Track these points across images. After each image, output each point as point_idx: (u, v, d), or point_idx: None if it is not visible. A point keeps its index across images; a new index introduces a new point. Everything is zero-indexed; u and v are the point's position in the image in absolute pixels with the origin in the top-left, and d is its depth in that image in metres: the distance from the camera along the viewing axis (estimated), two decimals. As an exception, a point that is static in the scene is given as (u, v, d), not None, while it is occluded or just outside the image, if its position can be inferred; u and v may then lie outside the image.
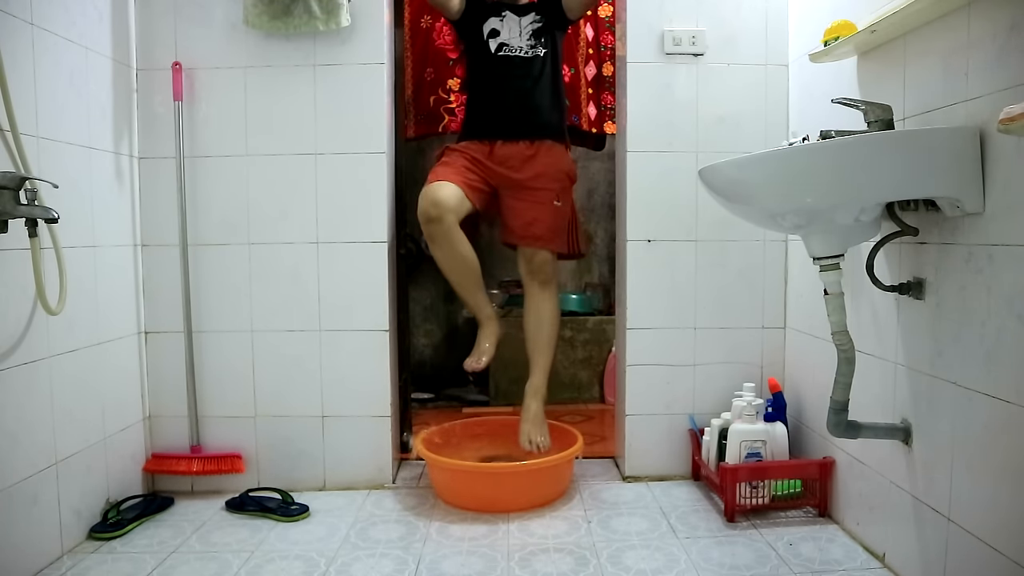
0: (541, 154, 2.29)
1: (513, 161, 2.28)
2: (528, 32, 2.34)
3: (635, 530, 1.90)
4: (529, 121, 2.31)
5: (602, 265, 3.75)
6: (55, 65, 1.79)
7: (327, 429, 2.22)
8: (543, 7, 2.39)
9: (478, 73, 2.39)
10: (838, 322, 1.53)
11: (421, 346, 3.59)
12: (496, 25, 2.35)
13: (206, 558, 1.77)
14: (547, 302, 2.36)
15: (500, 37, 2.34)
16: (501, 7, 2.38)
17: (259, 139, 2.17)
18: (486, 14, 2.37)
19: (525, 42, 2.33)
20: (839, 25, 1.70)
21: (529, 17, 2.36)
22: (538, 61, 2.33)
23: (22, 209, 1.56)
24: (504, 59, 2.33)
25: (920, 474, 1.53)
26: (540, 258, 2.32)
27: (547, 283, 2.36)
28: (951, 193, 1.34)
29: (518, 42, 2.33)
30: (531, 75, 2.32)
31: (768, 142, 2.19)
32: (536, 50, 2.33)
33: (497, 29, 2.34)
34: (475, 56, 2.39)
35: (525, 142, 2.29)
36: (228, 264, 2.19)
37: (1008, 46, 1.25)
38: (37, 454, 1.70)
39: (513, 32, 2.34)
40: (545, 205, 2.29)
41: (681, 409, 2.27)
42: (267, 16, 2.08)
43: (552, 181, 2.30)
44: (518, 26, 2.35)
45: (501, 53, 2.33)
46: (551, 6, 2.38)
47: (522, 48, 2.32)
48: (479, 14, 2.37)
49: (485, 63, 2.35)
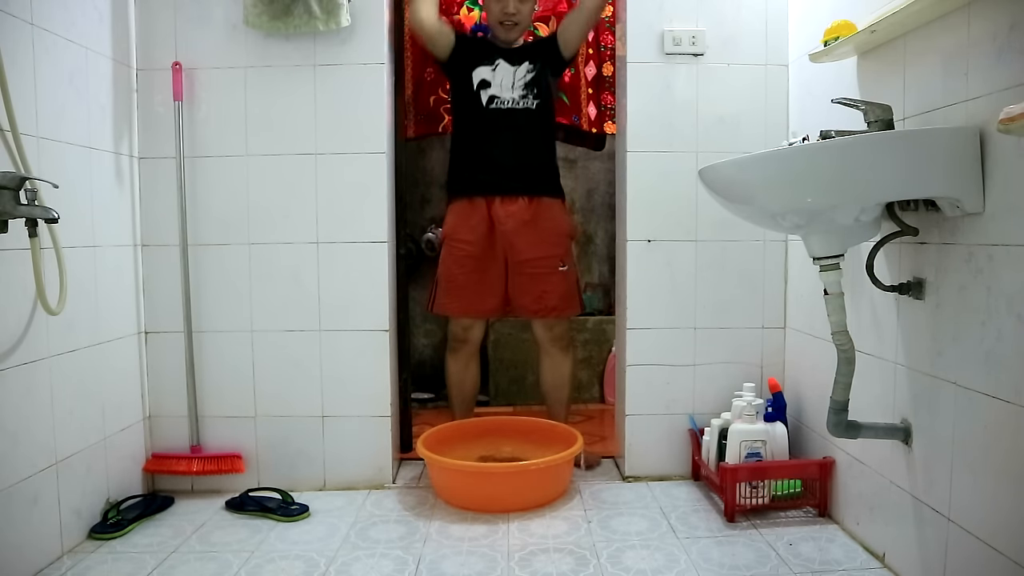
0: (541, 216, 2.35)
1: (512, 223, 2.33)
2: (521, 84, 2.34)
3: (635, 530, 1.90)
4: (525, 177, 2.36)
5: (602, 265, 3.75)
6: (55, 65, 1.79)
7: (327, 429, 2.22)
8: (538, 53, 2.39)
9: (468, 124, 2.39)
10: (838, 322, 1.53)
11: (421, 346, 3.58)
12: (487, 75, 2.34)
13: (206, 558, 1.77)
14: (566, 364, 2.48)
15: (491, 89, 2.34)
16: (494, 53, 2.36)
17: (259, 139, 2.17)
18: (477, 60, 2.35)
19: (518, 94, 2.33)
20: (839, 25, 1.70)
21: (524, 67, 2.35)
22: (530, 114, 2.35)
23: (22, 209, 1.56)
24: (495, 112, 2.34)
25: (920, 474, 1.53)
26: (560, 328, 2.44)
27: (567, 347, 2.49)
28: (951, 193, 1.34)
29: (510, 94, 2.33)
30: (523, 129, 2.34)
31: (768, 142, 2.19)
32: (528, 101, 2.34)
33: (488, 80, 2.34)
34: (464, 106, 2.38)
35: (524, 199, 2.33)
36: (228, 264, 2.19)
37: (1008, 46, 1.25)
38: (37, 454, 1.70)
39: (505, 84, 2.33)
40: (552, 274, 2.37)
41: (681, 409, 2.27)
42: (267, 16, 2.08)
43: (553, 248, 2.37)
44: (511, 76, 2.34)
45: (492, 106, 2.34)
46: (547, 49, 2.39)
47: (514, 100, 2.33)
48: (469, 59, 2.36)
49: (475, 115, 2.36)
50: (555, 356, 2.48)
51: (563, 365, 2.48)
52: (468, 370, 2.50)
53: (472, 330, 2.44)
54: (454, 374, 2.50)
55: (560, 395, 2.51)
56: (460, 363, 2.48)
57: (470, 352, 2.47)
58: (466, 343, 2.44)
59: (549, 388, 2.52)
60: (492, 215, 2.36)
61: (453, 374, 2.51)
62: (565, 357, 2.48)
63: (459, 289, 2.41)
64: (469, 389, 2.53)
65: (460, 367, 2.49)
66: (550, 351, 2.48)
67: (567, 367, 2.49)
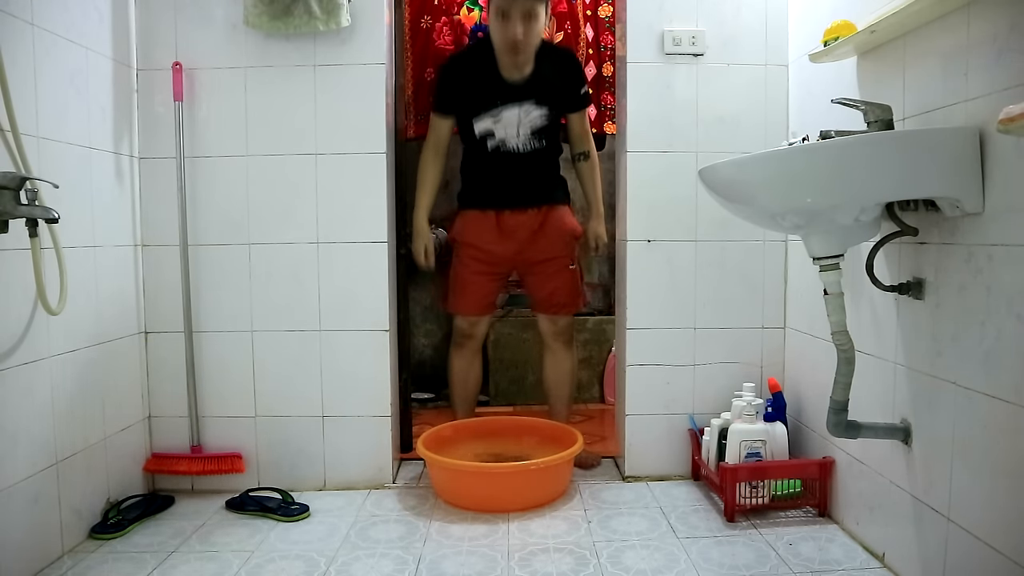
0: (549, 222, 2.38)
1: (522, 232, 2.36)
2: (528, 129, 2.31)
3: (635, 530, 1.90)
4: (534, 192, 2.38)
5: (602, 265, 3.75)
6: (56, 65, 1.79)
7: (327, 429, 2.22)
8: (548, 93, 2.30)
9: (476, 159, 2.36)
10: (838, 322, 1.53)
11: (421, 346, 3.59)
12: (489, 126, 2.30)
13: (206, 558, 1.77)
14: (569, 360, 2.52)
15: (495, 139, 2.31)
16: (495, 94, 2.28)
17: (259, 139, 2.17)
18: (476, 109, 2.30)
19: (524, 140, 2.31)
20: (839, 25, 1.70)
21: (531, 108, 2.27)
22: (539, 153, 2.35)
23: (23, 209, 1.56)
24: (503, 155, 2.33)
25: (920, 474, 1.53)
26: (565, 322, 2.48)
27: (569, 342, 2.52)
28: (951, 193, 1.34)
29: (515, 141, 2.31)
30: (532, 164, 2.35)
31: (768, 142, 2.19)
32: (535, 143, 2.33)
33: (492, 131, 2.31)
34: (470, 144, 2.36)
35: (533, 209, 2.36)
36: (228, 264, 2.19)
37: (1008, 46, 1.25)
38: (38, 454, 1.70)
39: (510, 131, 2.30)
40: (562, 273, 2.42)
41: (681, 409, 2.27)
42: (267, 16, 2.08)
43: (562, 249, 2.41)
44: (516, 120, 2.28)
45: (500, 150, 2.33)
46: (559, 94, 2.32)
47: (521, 146, 2.32)
48: (468, 110, 2.31)
49: (482, 155, 2.35)
50: (558, 352, 2.50)
51: (566, 361, 2.51)
52: (472, 367, 2.50)
53: (478, 326, 2.46)
54: (458, 371, 2.50)
55: (562, 392, 2.52)
56: (465, 359, 2.48)
57: (474, 348, 2.48)
58: (472, 338, 2.45)
59: (551, 384, 2.53)
60: (501, 224, 2.37)
61: (457, 371, 2.50)
62: (568, 353, 2.51)
63: (470, 289, 2.44)
64: (472, 386, 2.53)
65: (465, 364, 2.49)
66: (553, 346, 2.50)
67: (569, 363, 2.51)
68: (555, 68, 2.33)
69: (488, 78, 2.29)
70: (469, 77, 2.30)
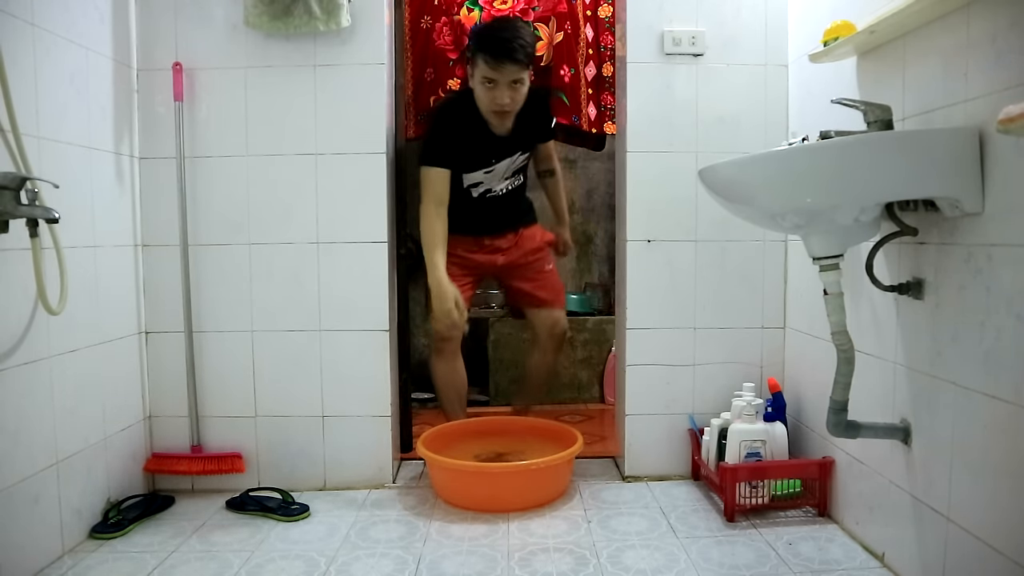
0: (524, 236, 2.57)
1: (501, 244, 2.54)
2: (511, 172, 2.47)
3: (635, 530, 1.90)
4: (511, 222, 2.55)
5: (602, 265, 3.75)
6: (56, 65, 1.79)
7: (327, 429, 2.22)
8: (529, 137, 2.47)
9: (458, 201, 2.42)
10: (838, 322, 1.53)
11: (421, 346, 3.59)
12: (480, 179, 2.43)
13: (207, 558, 1.77)
14: (553, 363, 2.67)
15: (482, 187, 2.45)
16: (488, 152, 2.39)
17: (259, 139, 2.17)
18: (471, 165, 2.40)
19: (507, 183, 2.48)
20: (839, 26, 1.70)
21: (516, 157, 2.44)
22: (515, 191, 2.53)
23: (23, 209, 1.56)
24: (487, 199, 2.48)
25: (919, 474, 1.53)
26: (561, 326, 2.58)
27: (560, 348, 2.65)
28: (950, 193, 1.34)
29: (499, 184, 2.47)
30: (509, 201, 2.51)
31: (768, 142, 2.19)
32: (515, 182, 2.51)
33: (480, 182, 2.44)
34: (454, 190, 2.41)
35: (510, 233, 2.54)
36: (228, 264, 2.19)
37: (1007, 46, 1.25)
38: (38, 453, 1.70)
39: (495, 179, 2.45)
40: (541, 272, 2.58)
41: (681, 409, 2.27)
42: (267, 16, 2.08)
43: (538, 252, 2.58)
44: (504, 170, 2.44)
45: (485, 196, 2.47)
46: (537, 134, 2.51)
47: (502, 189, 2.48)
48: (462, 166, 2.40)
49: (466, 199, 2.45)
50: (549, 352, 2.61)
51: (552, 362, 2.65)
52: (454, 368, 2.51)
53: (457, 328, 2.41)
54: (442, 374, 2.50)
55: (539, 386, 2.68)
56: (446, 362, 2.48)
57: (453, 349, 2.47)
58: (449, 341, 2.44)
59: (531, 376, 2.68)
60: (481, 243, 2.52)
61: (441, 374, 2.50)
62: (555, 357, 2.65)
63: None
64: (460, 386, 2.54)
65: (447, 366, 2.49)
66: (547, 347, 2.60)
67: (552, 366, 2.66)
68: (531, 112, 2.42)
69: (479, 135, 2.36)
70: (460, 133, 2.35)
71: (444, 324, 2.30)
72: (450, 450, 2.26)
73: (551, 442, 2.29)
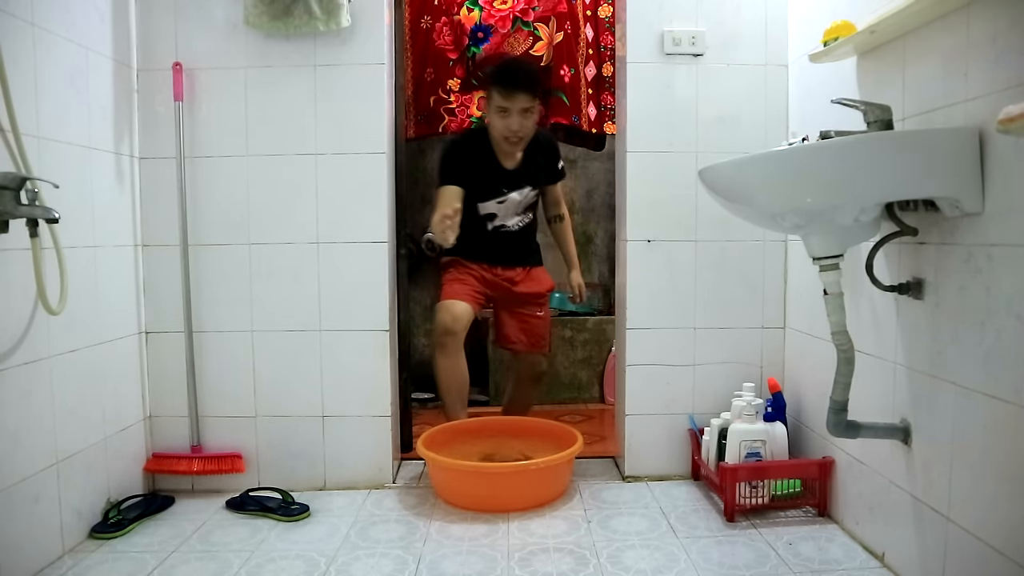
0: (530, 275, 2.67)
1: (512, 276, 2.64)
2: (522, 208, 2.59)
3: (635, 530, 1.90)
4: (522, 259, 2.66)
5: (602, 265, 3.75)
6: (56, 65, 1.79)
7: (327, 429, 2.22)
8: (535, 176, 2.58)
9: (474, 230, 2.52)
10: (838, 322, 1.53)
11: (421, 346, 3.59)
12: (494, 209, 2.55)
13: (207, 558, 1.77)
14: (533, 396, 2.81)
15: (497, 220, 2.57)
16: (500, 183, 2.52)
17: (259, 139, 2.17)
18: (485, 194, 2.52)
19: (518, 219, 2.60)
20: (839, 26, 1.70)
21: (526, 192, 2.56)
22: (526, 228, 2.64)
23: (23, 209, 1.56)
24: (501, 233, 2.59)
25: (919, 474, 1.53)
26: (539, 369, 2.71)
27: (539, 384, 2.80)
28: (950, 193, 1.34)
29: (512, 220, 2.59)
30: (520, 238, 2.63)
31: (768, 142, 2.19)
32: (524, 220, 2.62)
33: (495, 213, 2.56)
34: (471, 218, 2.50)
35: (519, 268, 2.65)
36: (228, 264, 2.19)
37: (1007, 46, 1.25)
38: (38, 453, 1.70)
39: (508, 213, 2.57)
40: (534, 317, 2.67)
41: (681, 409, 2.27)
42: (267, 16, 2.08)
43: (539, 296, 2.69)
44: (516, 205, 2.57)
45: (499, 230, 2.58)
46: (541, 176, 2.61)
47: (514, 225, 2.59)
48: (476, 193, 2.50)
49: (481, 230, 2.56)
50: (527, 387, 2.75)
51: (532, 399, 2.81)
52: (457, 363, 2.50)
53: (460, 321, 2.44)
54: (445, 368, 2.49)
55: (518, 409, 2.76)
56: (449, 357, 2.47)
57: (457, 345, 2.47)
58: (454, 335, 2.44)
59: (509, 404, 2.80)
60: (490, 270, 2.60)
61: (444, 368, 2.49)
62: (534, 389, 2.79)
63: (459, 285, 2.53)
64: (462, 382, 2.53)
65: (450, 361, 2.48)
66: (525, 383, 2.74)
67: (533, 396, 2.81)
68: (540, 152, 2.59)
69: (489, 166, 2.51)
70: (472, 163, 2.49)
71: (438, 229, 2.34)
72: (450, 450, 2.26)
73: (551, 442, 2.29)
